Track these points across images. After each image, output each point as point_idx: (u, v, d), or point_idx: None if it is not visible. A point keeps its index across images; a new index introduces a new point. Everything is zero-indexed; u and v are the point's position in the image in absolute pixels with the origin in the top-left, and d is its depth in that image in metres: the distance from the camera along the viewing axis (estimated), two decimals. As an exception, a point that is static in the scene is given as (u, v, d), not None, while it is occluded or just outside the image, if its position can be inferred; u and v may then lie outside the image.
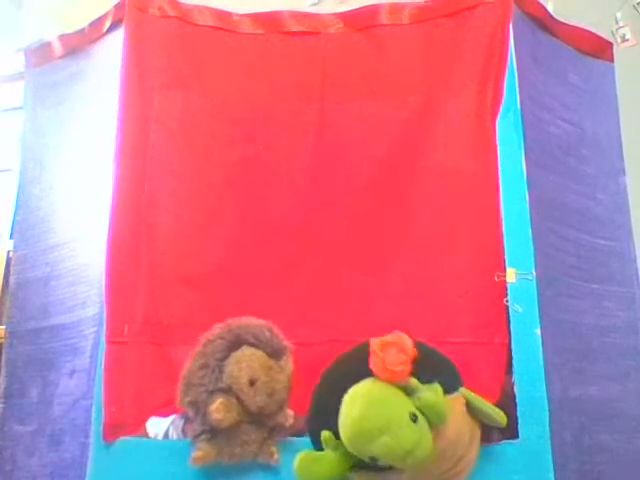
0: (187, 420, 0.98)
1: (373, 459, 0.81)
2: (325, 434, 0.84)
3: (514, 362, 0.95)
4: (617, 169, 1.27)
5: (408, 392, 0.82)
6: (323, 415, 0.87)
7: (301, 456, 0.84)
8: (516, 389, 0.94)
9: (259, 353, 0.91)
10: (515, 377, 0.94)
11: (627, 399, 1.07)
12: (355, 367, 0.86)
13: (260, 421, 0.93)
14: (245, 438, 0.92)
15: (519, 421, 0.92)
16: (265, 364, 0.91)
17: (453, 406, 0.84)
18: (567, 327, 1.05)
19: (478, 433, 0.89)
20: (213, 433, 0.91)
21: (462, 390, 0.89)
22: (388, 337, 0.83)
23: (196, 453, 0.91)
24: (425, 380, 0.82)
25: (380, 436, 0.78)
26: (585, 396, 1.02)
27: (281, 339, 0.94)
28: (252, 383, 0.90)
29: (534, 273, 0.99)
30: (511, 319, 0.98)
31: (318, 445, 0.86)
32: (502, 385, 0.96)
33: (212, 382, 0.91)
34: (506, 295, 0.99)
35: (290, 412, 0.94)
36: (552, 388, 0.94)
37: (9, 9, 1.90)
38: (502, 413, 0.89)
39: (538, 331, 0.96)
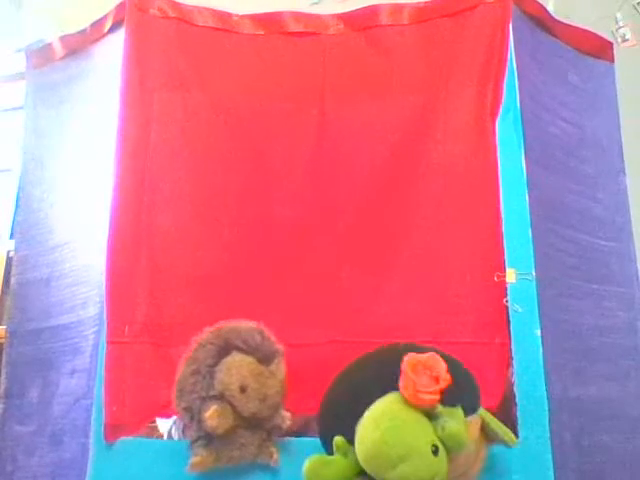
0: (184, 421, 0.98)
1: None
2: (338, 440, 0.83)
3: (514, 362, 0.95)
4: (617, 169, 1.27)
5: (431, 416, 0.80)
6: (336, 418, 0.87)
7: (311, 460, 0.83)
8: (516, 389, 0.94)
9: (249, 359, 0.90)
10: (515, 377, 0.94)
11: (627, 399, 1.07)
12: (375, 374, 0.85)
13: (256, 424, 0.93)
14: (242, 441, 0.92)
15: (519, 421, 0.92)
16: (255, 370, 0.90)
17: (471, 430, 0.83)
18: (567, 327, 1.05)
19: (484, 451, 0.89)
20: (209, 438, 0.91)
21: (481, 412, 0.88)
22: (423, 358, 0.81)
23: (194, 459, 0.91)
24: (448, 401, 0.80)
25: (399, 464, 0.77)
26: (585, 396, 1.02)
27: (272, 342, 0.93)
28: (243, 390, 0.89)
29: (534, 273, 0.99)
30: (511, 319, 0.98)
31: (328, 447, 0.86)
32: (504, 385, 0.96)
33: (204, 389, 0.91)
34: (506, 295, 0.99)
35: (287, 414, 0.94)
36: (552, 388, 0.94)
37: (9, 9, 1.90)
38: (512, 435, 0.89)
39: (538, 331, 0.96)
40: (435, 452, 0.78)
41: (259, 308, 1.06)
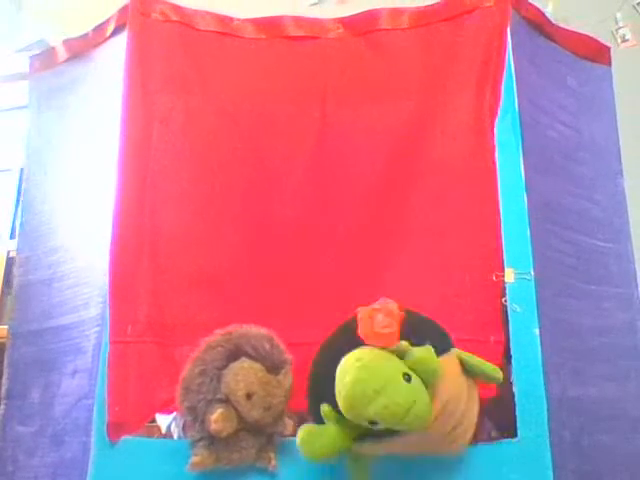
0: (186, 419, 0.99)
1: (372, 423, 0.81)
2: (325, 408, 0.84)
3: (513, 361, 0.96)
4: (615, 171, 1.28)
5: (400, 355, 0.82)
6: (320, 389, 0.88)
7: (304, 431, 0.85)
8: (515, 388, 0.94)
9: (257, 367, 0.90)
10: (514, 376, 0.95)
11: (626, 399, 1.08)
12: (348, 338, 0.86)
13: (258, 429, 0.93)
14: (243, 444, 0.92)
15: (517, 420, 0.93)
16: (262, 379, 0.90)
17: (447, 365, 0.85)
18: (566, 327, 1.06)
19: (475, 391, 0.89)
20: (211, 439, 0.92)
21: (454, 350, 0.89)
22: (375, 305, 0.84)
23: (194, 459, 0.92)
24: (415, 343, 0.83)
25: (376, 398, 0.79)
26: (584, 396, 1.02)
27: (281, 351, 0.93)
28: (249, 397, 0.89)
29: (532, 273, 1.00)
30: (510, 319, 0.98)
31: (317, 418, 0.86)
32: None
33: (210, 391, 0.91)
34: (504, 295, 0.99)
35: (289, 421, 0.95)
36: (551, 387, 0.95)
37: (9, 9, 1.90)
38: (497, 368, 0.90)
39: (537, 331, 0.97)
40: (408, 380, 0.80)
41: (260, 307, 1.07)
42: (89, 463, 0.98)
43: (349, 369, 0.82)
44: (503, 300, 0.99)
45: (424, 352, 0.82)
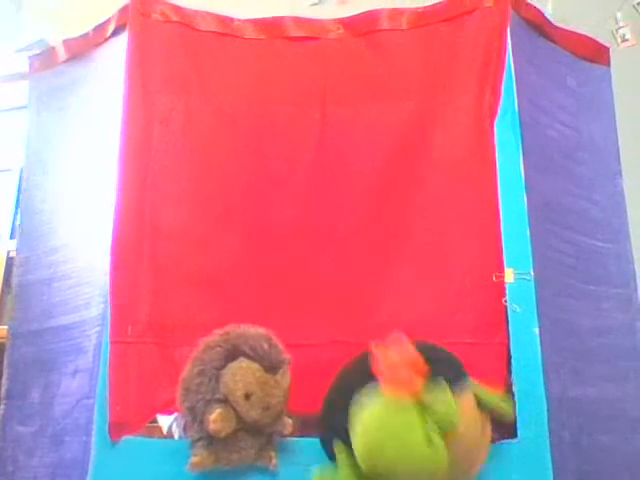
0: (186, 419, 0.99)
1: None
2: (338, 447, 0.85)
3: (513, 362, 0.96)
4: (614, 171, 1.28)
5: (420, 402, 0.81)
6: (329, 419, 0.89)
7: (316, 477, 0.86)
8: (515, 389, 0.94)
9: (255, 367, 0.90)
10: (514, 377, 0.95)
11: (625, 400, 1.08)
12: (362, 374, 0.86)
13: (257, 429, 0.93)
14: (242, 445, 0.92)
15: (517, 420, 0.93)
16: (261, 379, 0.90)
17: (461, 403, 0.84)
18: (565, 327, 1.06)
19: (488, 426, 0.89)
20: (211, 439, 0.92)
21: (470, 384, 0.88)
22: (393, 350, 0.82)
23: (193, 459, 0.92)
24: (430, 376, 0.82)
25: (399, 465, 0.79)
26: (584, 396, 1.03)
27: (279, 351, 0.93)
28: (247, 397, 0.89)
29: (532, 273, 1.00)
30: (510, 319, 0.99)
31: (327, 448, 0.88)
32: (504, 384, 0.97)
33: (209, 391, 0.91)
34: (505, 295, 1.00)
35: (288, 421, 0.95)
36: (551, 388, 0.95)
37: (9, 9, 1.90)
38: (511, 404, 0.89)
39: (536, 330, 0.97)
40: (429, 444, 0.79)
41: (261, 308, 1.07)
42: (89, 463, 0.98)
43: (371, 430, 0.81)
44: (503, 300, 0.99)
45: (446, 407, 0.80)
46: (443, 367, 0.86)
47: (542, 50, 1.24)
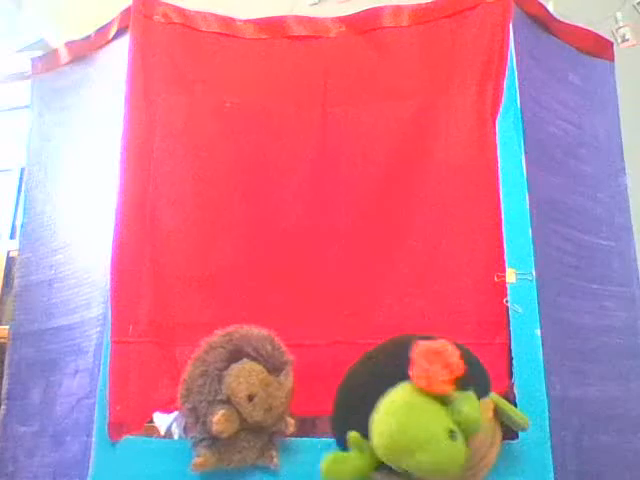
0: (188, 419, 0.99)
1: (406, 472, 0.80)
2: (352, 436, 0.83)
3: (514, 362, 0.95)
4: (617, 169, 1.27)
5: (445, 401, 0.80)
6: (349, 413, 0.87)
7: (327, 458, 0.83)
8: (516, 389, 0.94)
9: (259, 368, 0.90)
10: (515, 377, 0.95)
11: (627, 400, 1.07)
12: (386, 366, 0.85)
13: (260, 429, 0.93)
14: (245, 445, 0.92)
15: (519, 421, 0.92)
16: (264, 380, 0.90)
17: (483, 411, 0.83)
18: (567, 326, 1.05)
19: (500, 435, 0.89)
20: (213, 440, 0.92)
21: (492, 395, 0.88)
22: (434, 345, 0.80)
23: (196, 459, 0.92)
24: (460, 386, 0.80)
25: (417, 452, 0.78)
26: (585, 396, 1.02)
27: (282, 353, 0.93)
28: (250, 399, 0.89)
29: (534, 273, 0.99)
30: (511, 319, 0.98)
31: (342, 442, 0.86)
32: (505, 385, 0.96)
33: (212, 392, 0.91)
34: (506, 295, 0.99)
35: (291, 420, 0.95)
36: (552, 388, 0.95)
37: (9, 9, 1.90)
38: (526, 417, 0.88)
39: (538, 331, 0.96)
40: (453, 437, 0.78)
41: (262, 308, 1.07)
42: (90, 463, 0.99)
43: (396, 414, 0.80)
44: (504, 301, 0.99)
45: (471, 409, 0.79)
46: (473, 373, 0.84)
47: (545, 45, 1.23)
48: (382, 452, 0.81)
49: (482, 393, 0.85)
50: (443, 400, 0.80)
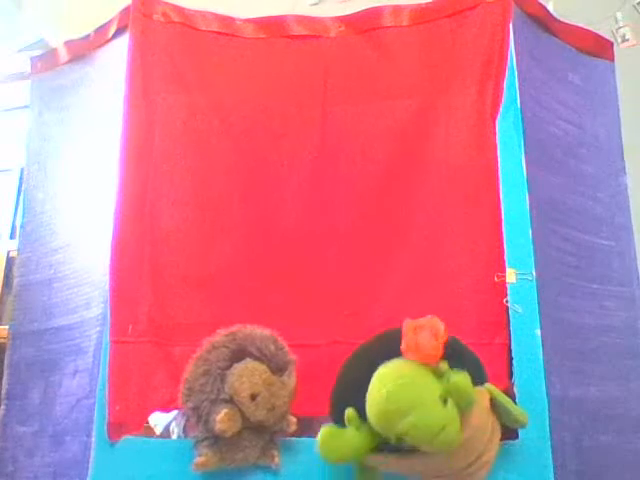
0: (189, 419, 0.99)
1: (399, 439, 0.80)
2: (349, 412, 0.83)
3: (514, 362, 0.95)
4: (617, 169, 1.27)
5: (437, 375, 0.81)
6: (348, 392, 0.87)
7: (325, 431, 0.84)
8: (516, 389, 0.94)
9: (262, 368, 0.90)
10: (515, 377, 0.95)
11: (627, 399, 1.07)
12: (384, 348, 0.85)
13: (262, 428, 0.93)
14: (247, 444, 0.92)
15: (519, 421, 0.92)
16: (267, 380, 0.90)
17: (479, 398, 0.84)
18: (567, 326, 1.05)
19: (498, 431, 0.88)
20: (215, 440, 0.92)
21: (488, 385, 0.88)
22: (422, 320, 0.82)
23: (198, 459, 0.92)
24: (453, 368, 0.82)
25: (409, 414, 0.78)
26: (585, 396, 1.02)
27: (285, 352, 0.93)
28: (253, 398, 0.89)
29: (534, 273, 0.99)
30: (511, 319, 0.98)
31: (340, 423, 0.85)
32: (505, 385, 0.96)
33: (214, 391, 0.91)
34: (506, 295, 0.99)
35: (293, 419, 0.95)
36: (552, 388, 0.95)
37: (9, 9, 1.90)
38: (525, 413, 0.88)
39: (538, 331, 0.96)
40: (444, 402, 0.79)
41: (261, 308, 1.07)
42: (89, 463, 0.98)
43: (388, 381, 0.81)
44: (504, 301, 0.99)
45: (462, 378, 0.80)
46: (467, 361, 0.86)
47: (545, 45, 1.22)
48: (375, 420, 0.81)
49: (477, 382, 0.85)
50: (435, 373, 0.81)
